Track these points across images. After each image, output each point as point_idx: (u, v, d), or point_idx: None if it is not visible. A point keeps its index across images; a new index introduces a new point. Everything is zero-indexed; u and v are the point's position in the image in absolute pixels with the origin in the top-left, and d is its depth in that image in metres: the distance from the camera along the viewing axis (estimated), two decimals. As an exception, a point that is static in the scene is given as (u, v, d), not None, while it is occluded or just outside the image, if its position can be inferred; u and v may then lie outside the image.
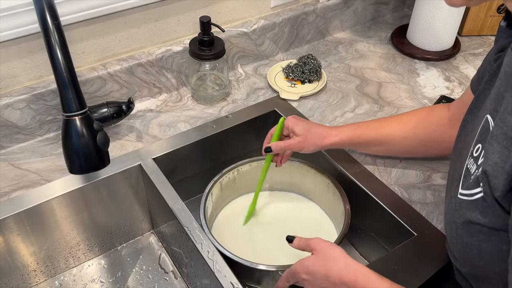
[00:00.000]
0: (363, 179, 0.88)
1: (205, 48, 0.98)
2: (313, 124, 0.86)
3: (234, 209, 0.96)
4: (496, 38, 0.63)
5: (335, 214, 0.89)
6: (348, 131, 0.85)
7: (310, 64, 1.10)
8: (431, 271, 0.73)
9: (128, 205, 0.95)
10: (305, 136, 0.83)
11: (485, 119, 0.56)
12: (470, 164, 0.56)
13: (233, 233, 0.90)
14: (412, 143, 0.84)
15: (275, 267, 0.75)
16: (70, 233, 0.90)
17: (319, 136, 0.83)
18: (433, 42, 1.20)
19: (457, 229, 0.57)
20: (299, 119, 0.85)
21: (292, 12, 1.16)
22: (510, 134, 0.49)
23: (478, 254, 0.56)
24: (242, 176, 0.93)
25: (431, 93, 1.09)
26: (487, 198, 0.52)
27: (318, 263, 0.66)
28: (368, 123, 0.87)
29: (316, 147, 0.84)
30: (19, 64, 0.89)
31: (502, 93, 0.53)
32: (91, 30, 0.93)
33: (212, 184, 0.88)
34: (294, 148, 0.83)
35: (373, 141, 0.85)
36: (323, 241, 0.69)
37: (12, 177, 0.87)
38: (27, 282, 0.91)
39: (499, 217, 0.51)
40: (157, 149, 0.92)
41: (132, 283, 0.94)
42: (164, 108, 1.04)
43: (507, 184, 0.48)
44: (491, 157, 0.51)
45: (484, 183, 0.52)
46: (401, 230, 0.80)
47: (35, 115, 0.92)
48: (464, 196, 0.56)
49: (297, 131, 0.83)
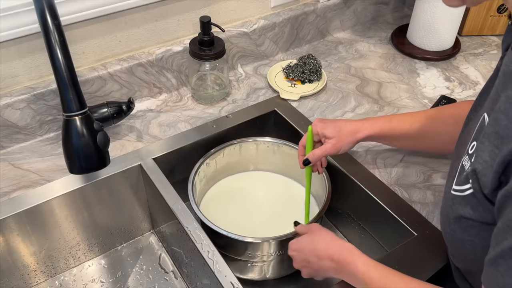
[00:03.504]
0: (363, 179, 0.88)
1: (205, 48, 0.98)
2: (342, 122, 0.83)
3: (221, 190, 0.98)
4: (504, 37, 0.63)
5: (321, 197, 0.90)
6: (381, 123, 0.83)
7: (310, 64, 1.10)
8: (431, 271, 0.73)
9: (128, 205, 0.95)
10: (338, 137, 0.81)
11: (482, 117, 0.57)
12: (465, 161, 0.57)
13: (221, 211, 0.93)
14: (444, 139, 0.82)
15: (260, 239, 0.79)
16: (70, 233, 0.90)
17: (351, 132, 0.81)
18: (433, 42, 1.20)
19: (450, 225, 0.58)
20: (326, 121, 0.84)
21: (292, 12, 1.16)
22: (501, 133, 0.49)
23: (470, 249, 0.56)
24: (228, 157, 0.96)
25: (431, 93, 1.09)
26: (477, 194, 0.52)
27: (307, 238, 0.73)
28: (400, 116, 0.85)
29: (351, 144, 0.82)
30: (19, 64, 0.90)
31: (498, 92, 0.54)
32: (91, 30, 0.93)
33: (199, 165, 0.90)
34: (330, 152, 0.81)
35: (407, 135, 0.83)
36: (317, 225, 0.76)
37: (12, 177, 0.87)
38: (27, 282, 0.91)
39: (490, 212, 0.52)
40: (157, 149, 0.92)
41: (132, 283, 0.94)
42: (164, 108, 1.04)
43: (495, 181, 0.49)
44: (481, 155, 0.51)
45: (473, 180, 0.52)
46: (401, 230, 0.80)
47: (35, 115, 0.92)
48: (457, 192, 0.57)
49: (328, 133, 0.81)
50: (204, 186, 0.96)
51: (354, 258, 0.66)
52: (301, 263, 0.74)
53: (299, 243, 0.74)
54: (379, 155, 0.93)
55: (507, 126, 0.49)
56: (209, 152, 0.93)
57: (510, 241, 0.45)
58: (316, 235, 0.72)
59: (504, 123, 0.49)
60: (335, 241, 0.70)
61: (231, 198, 0.97)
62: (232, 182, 1.01)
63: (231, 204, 0.95)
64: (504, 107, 0.50)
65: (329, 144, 0.81)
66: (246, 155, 0.98)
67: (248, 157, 0.99)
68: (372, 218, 0.88)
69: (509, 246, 0.45)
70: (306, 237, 0.73)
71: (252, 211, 0.95)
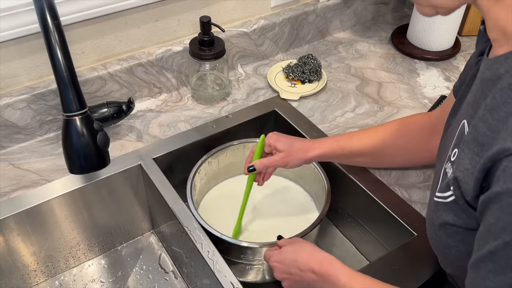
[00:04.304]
0: (363, 179, 0.88)
1: (205, 48, 0.98)
2: (295, 139, 0.84)
3: (221, 192, 0.98)
4: (477, 42, 0.63)
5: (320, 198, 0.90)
6: (330, 143, 0.84)
7: (310, 64, 1.10)
8: (431, 271, 0.73)
9: (128, 205, 0.95)
10: (288, 151, 0.81)
11: (462, 123, 0.57)
12: (448, 168, 0.57)
13: (220, 214, 0.92)
14: (393, 153, 0.84)
15: (258, 244, 0.78)
16: (70, 233, 0.90)
17: (302, 149, 0.82)
18: (433, 42, 1.20)
19: (436, 231, 0.58)
20: (280, 135, 0.84)
21: (292, 12, 1.16)
22: (481, 141, 0.49)
23: (456, 254, 0.57)
24: (231, 157, 0.95)
25: (431, 93, 1.09)
26: (459, 201, 0.53)
27: (289, 249, 0.73)
28: (350, 134, 0.86)
29: (300, 161, 0.82)
30: (19, 64, 0.90)
31: (477, 99, 0.54)
32: (91, 30, 0.93)
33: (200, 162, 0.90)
34: (278, 164, 0.82)
35: (356, 153, 0.84)
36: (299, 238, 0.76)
37: (12, 177, 0.87)
38: (27, 282, 0.91)
39: (473, 218, 0.52)
40: (157, 149, 0.92)
41: (132, 283, 0.94)
42: (164, 108, 1.04)
43: (476, 189, 0.49)
44: (462, 163, 0.52)
45: (454, 187, 0.53)
46: (401, 230, 0.80)
47: (35, 115, 0.92)
48: (439, 198, 0.57)
49: (280, 147, 0.82)
50: (205, 185, 0.95)
51: (334, 270, 0.66)
52: (282, 275, 0.74)
53: (281, 253, 0.74)
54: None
55: (485, 133, 0.49)
56: (211, 151, 0.92)
57: (491, 245, 0.45)
58: (297, 247, 0.72)
59: (483, 130, 0.49)
60: (316, 253, 0.70)
61: (231, 200, 0.95)
62: (234, 183, 1.00)
63: (231, 205, 0.94)
64: (482, 114, 0.50)
65: (277, 156, 0.81)
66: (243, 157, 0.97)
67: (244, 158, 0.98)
68: (372, 218, 0.88)
69: (489, 250, 0.45)
70: (287, 248, 0.74)
71: (253, 214, 0.94)
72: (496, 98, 0.49)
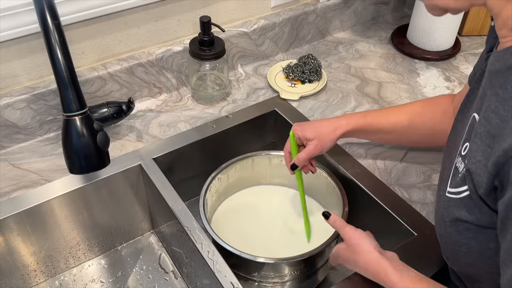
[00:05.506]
0: (363, 179, 0.88)
1: (205, 48, 0.98)
2: (320, 122, 0.85)
3: (232, 205, 0.96)
4: (487, 38, 0.64)
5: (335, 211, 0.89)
6: (358, 118, 0.84)
7: (310, 64, 1.10)
8: (431, 271, 0.73)
9: (128, 205, 0.95)
10: (319, 137, 0.82)
11: (472, 117, 0.57)
12: (459, 163, 0.57)
13: (232, 228, 0.90)
14: (421, 133, 0.84)
15: (273, 259, 0.76)
16: (70, 233, 0.90)
17: (330, 129, 0.83)
18: (433, 42, 1.20)
19: (446, 228, 0.58)
20: (303, 124, 0.85)
21: (292, 12, 1.16)
22: (493, 132, 0.49)
23: (466, 252, 0.56)
24: (240, 171, 0.93)
25: (431, 93, 1.09)
26: (472, 196, 0.52)
27: (348, 256, 0.71)
28: (377, 111, 0.87)
29: (332, 142, 0.83)
30: (19, 64, 0.90)
31: (485, 91, 0.54)
32: (91, 30, 0.93)
33: (210, 180, 0.88)
34: (314, 153, 0.83)
35: (383, 129, 0.84)
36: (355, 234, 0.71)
37: (12, 177, 0.87)
38: (27, 282, 0.91)
39: (485, 214, 0.52)
40: (157, 149, 0.92)
41: (132, 283, 0.94)
42: (164, 108, 1.04)
43: (489, 182, 0.49)
44: (474, 155, 0.51)
45: (468, 181, 0.52)
46: (401, 230, 0.80)
47: (35, 115, 0.92)
48: (452, 194, 0.57)
49: (308, 135, 0.82)
50: (215, 201, 0.93)
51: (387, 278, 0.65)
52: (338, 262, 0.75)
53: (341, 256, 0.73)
54: (379, 155, 0.93)
55: (498, 124, 0.49)
56: (220, 167, 0.90)
57: None
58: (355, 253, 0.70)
59: (495, 121, 0.49)
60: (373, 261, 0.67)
61: (243, 213, 0.93)
62: (244, 196, 0.97)
63: (243, 219, 0.92)
64: (495, 105, 0.50)
65: (311, 145, 0.82)
66: (258, 169, 0.95)
67: (260, 171, 0.96)
68: (372, 218, 0.88)
69: None
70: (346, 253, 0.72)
71: (265, 227, 0.92)
72: (508, 89, 0.49)
